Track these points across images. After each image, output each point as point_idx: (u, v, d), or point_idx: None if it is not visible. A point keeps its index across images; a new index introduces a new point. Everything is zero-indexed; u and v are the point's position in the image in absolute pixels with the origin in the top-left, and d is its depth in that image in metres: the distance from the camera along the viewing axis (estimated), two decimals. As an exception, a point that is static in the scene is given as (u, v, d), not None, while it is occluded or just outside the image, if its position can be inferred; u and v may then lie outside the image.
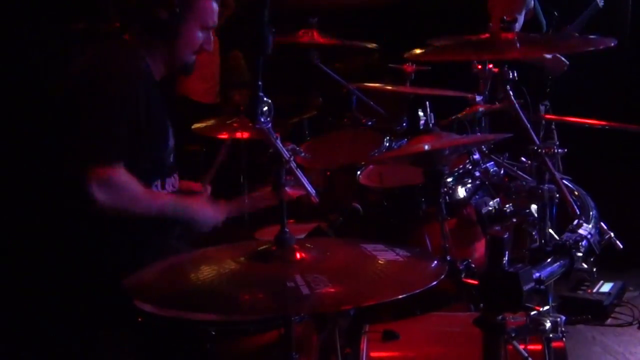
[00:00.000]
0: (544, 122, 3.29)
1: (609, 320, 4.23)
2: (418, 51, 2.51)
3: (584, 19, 4.54)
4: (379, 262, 1.78)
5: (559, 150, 2.04)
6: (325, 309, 1.79)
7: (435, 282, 1.64)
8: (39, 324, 2.46)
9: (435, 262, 1.80)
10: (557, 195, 1.97)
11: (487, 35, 2.41)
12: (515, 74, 2.32)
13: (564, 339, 2.03)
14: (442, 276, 1.68)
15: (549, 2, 4.46)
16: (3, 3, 3.97)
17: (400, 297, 1.56)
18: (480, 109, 2.99)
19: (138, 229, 2.49)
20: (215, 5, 2.62)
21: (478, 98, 3.04)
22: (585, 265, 1.80)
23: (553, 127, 3.09)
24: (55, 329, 2.44)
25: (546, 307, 1.69)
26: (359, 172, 2.91)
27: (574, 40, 2.87)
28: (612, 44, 2.14)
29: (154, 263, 1.85)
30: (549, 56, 3.95)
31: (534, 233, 1.98)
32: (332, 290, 1.60)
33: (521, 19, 4.19)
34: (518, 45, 2.23)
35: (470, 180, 2.63)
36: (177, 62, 2.64)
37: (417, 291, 1.59)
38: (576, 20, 4.49)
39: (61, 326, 2.44)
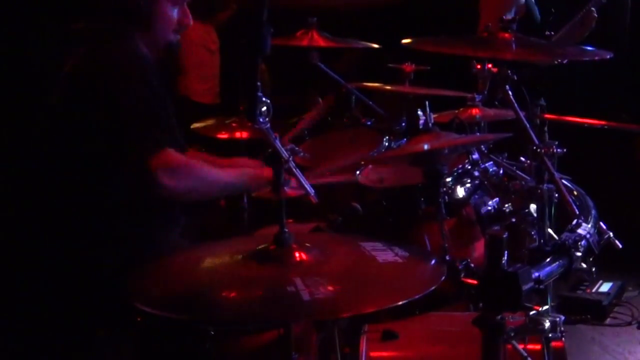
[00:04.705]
0: (538, 121, 3.27)
1: (608, 320, 4.23)
2: (409, 40, 2.47)
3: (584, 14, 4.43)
4: (378, 264, 1.78)
5: (558, 150, 2.04)
6: (324, 317, 1.80)
7: (433, 287, 1.64)
8: (38, 323, 2.46)
9: (434, 262, 1.80)
10: (556, 195, 1.97)
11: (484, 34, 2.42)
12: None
13: (563, 338, 2.03)
14: (442, 279, 1.69)
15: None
16: (3, 3, 3.97)
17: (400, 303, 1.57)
18: (477, 116, 3.00)
19: (140, 227, 2.48)
20: None
21: (477, 98, 3.05)
22: (585, 265, 1.80)
23: (545, 128, 3.06)
24: (54, 328, 2.44)
25: (545, 307, 1.69)
26: (358, 172, 2.91)
27: (571, 49, 2.87)
28: (608, 57, 2.15)
29: (154, 264, 1.86)
30: None
31: (533, 233, 1.98)
32: (332, 296, 1.61)
33: (510, 16, 4.17)
34: (514, 46, 2.24)
35: (469, 180, 2.63)
36: (161, 43, 2.61)
37: (417, 297, 1.60)
38: (575, 17, 4.38)
39: (60, 326, 2.44)
